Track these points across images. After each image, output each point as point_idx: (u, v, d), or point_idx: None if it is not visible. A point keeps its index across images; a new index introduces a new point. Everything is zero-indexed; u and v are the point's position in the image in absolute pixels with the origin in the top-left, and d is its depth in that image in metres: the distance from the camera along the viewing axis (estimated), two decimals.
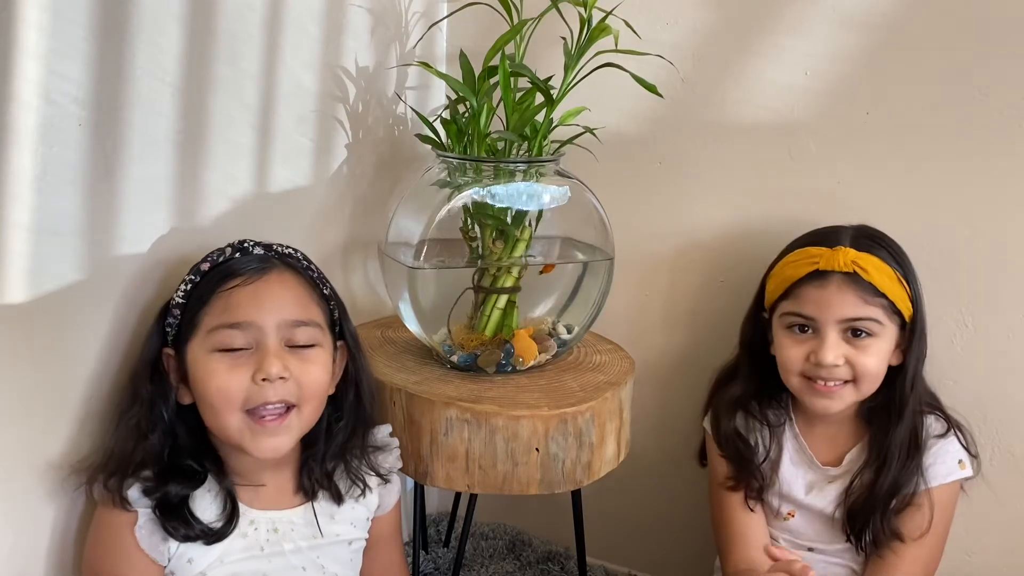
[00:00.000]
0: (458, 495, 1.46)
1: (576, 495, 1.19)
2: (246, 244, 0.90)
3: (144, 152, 0.89)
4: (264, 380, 0.82)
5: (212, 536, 0.85)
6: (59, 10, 0.78)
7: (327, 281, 0.93)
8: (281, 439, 0.85)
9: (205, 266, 0.88)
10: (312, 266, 0.92)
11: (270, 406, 0.83)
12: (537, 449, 1.01)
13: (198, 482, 0.86)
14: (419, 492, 1.29)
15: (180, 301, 0.87)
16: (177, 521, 0.83)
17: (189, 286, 0.87)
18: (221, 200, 1.00)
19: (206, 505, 0.86)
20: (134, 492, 0.83)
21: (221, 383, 0.82)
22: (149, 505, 0.83)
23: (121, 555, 0.83)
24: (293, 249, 0.93)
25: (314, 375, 0.86)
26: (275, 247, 0.91)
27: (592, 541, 1.29)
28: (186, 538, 0.84)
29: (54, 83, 0.78)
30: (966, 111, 1.09)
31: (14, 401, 0.81)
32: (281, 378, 0.83)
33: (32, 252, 0.79)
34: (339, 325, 0.94)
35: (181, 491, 0.85)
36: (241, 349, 0.84)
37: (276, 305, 0.85)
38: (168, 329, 0.87)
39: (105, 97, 0.84)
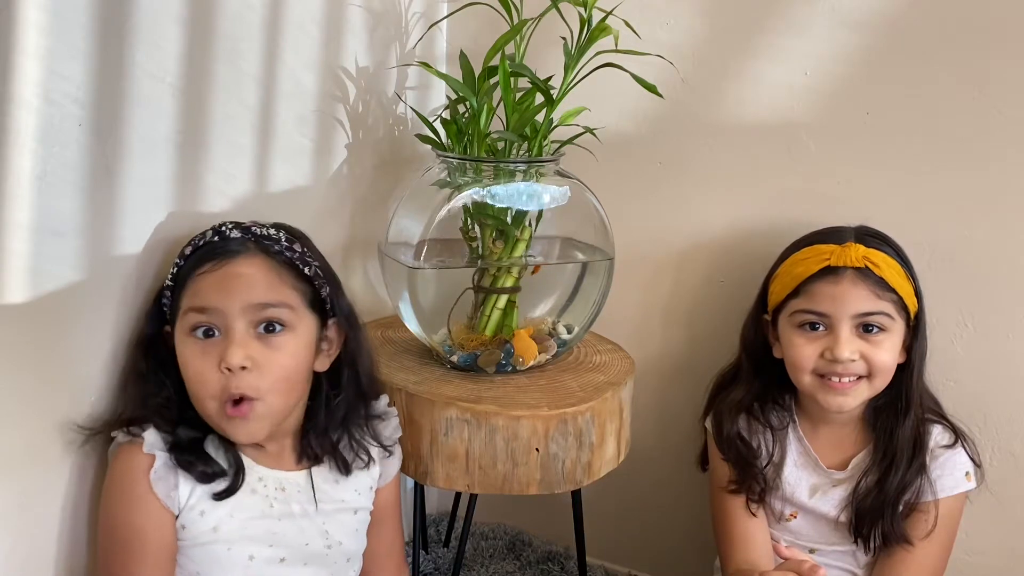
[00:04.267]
0: (458, 495, 1.46)
1: (576, 495, 1.19)
2: (224, 228, 0.89)
3: (144, 152, 0.89)
4: (228, 369, 0.83)
5: (226, 482, 0.87)
6: (59, 10, 0.78)
7: (312, 260, 0.92)
8: (253, 425, 0.86)
9: (188, 249, 0.89)
10: (295, 246, 0.91)
11: (235, 396, 0.85)
12: (537, 449, 1.01)
13: (206, 431, 0.88)
14: (419, 492, 1.29)
15: (168, 283, 0.89)
16: (193, 455, 0.86)
17: (175, 269, 0.89)
18: (221, 200, 1.00)
19: (215, 455, 0.88)
20: (150, 435, 0.85)
21: (195, 369, 0.85)
22: (163, 448, 0.85)
23: (135, 501, 0.84)
24: (275, 229, 0.91)
25: (281, 362, 0.87)
26: (254, 228, 0.90)
27: (592, 541, 1.29)
28: (203, 476, 0.86)
29: (54, 83, 0.78)
30: (966, 111, 1.09)
31: (13, 402, 0.81)
32: (243, 367, 0.84)
33: (32, 252, 0.79)
34: (329, 302, 0.94)
35: (192, 434, 0.87)
36: (212, 335, 0.85)
37: (241, 290, 0.85)
38: (165, 308, 0.90)
39: (105, 97, 0.84)
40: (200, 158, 0.96)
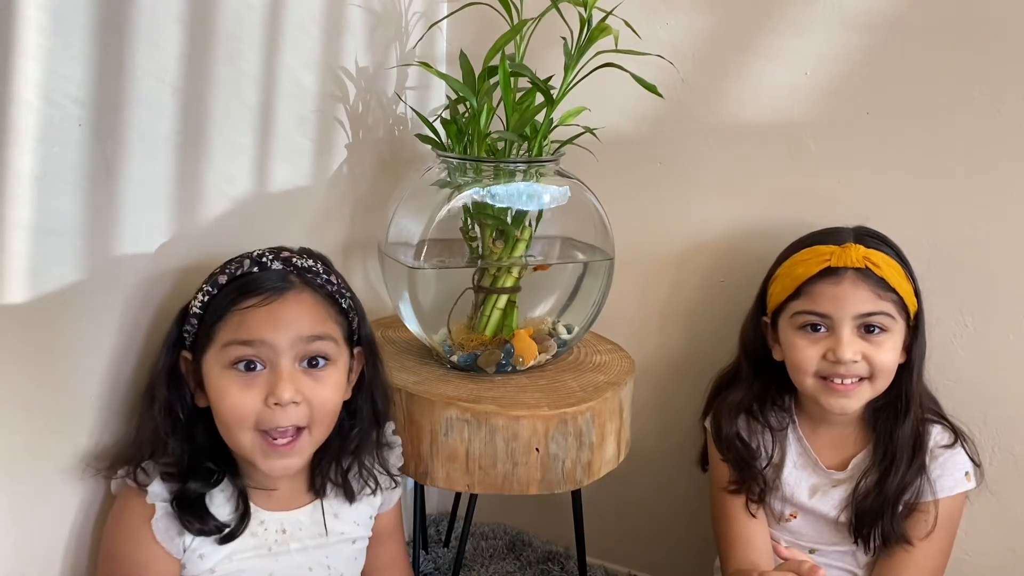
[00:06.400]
0: (458, 495, 1.46)
1: (576, 495, 1.19)
2: (264, 259, 0.88)
3: (144, 152, 0.89)
4: (276, 404, 0.83)
5: (224, 534, 0.87)
6: (59, 10, 0.78)
7: (346, 291, 0.93)
8: (293, 460, 0.87)
9: (222, 278, 0.87)
10: (332, 277, 0.91)
11: (281, 428, 0.85)
12: (537, 449, 1.01)
13: (215, 483, 0.88)
14: (419, 492, 1.29)
15: (197, 311, 0.87)
16: (192, 516, 0.86)
17: (206, 297, 0.87)
18: (221, 200, 1.00)
19: (220, 504, 0.88)
20: (155, 486, 0.85)
21: (235, 402, 0.84)
22: (166, 499, 0.85)
23: (138, 545, 0.85)
24: (313, 260, 0.91)
25: (326, 396, 0.87)
26: (294, 260, 0.89)
27: (592, 541, 1.29)
28: (200, 532, 0.86)
29: (54, 83, 0.78)
30: (966, 111, 1.09)
31: (12, 402, 0.81)
32: (293, 402, 0.84)
33: (32, 252, 0.79)
34: (357, 332, 0.94)
35: (199, 489, 0.87)
36: (254, 368, 0.84)
37: (291, 325, 0.85)
38: (185, 335, 0.89)
39: (105, 97, 0.84)
40: (200, 158, 0.96)
